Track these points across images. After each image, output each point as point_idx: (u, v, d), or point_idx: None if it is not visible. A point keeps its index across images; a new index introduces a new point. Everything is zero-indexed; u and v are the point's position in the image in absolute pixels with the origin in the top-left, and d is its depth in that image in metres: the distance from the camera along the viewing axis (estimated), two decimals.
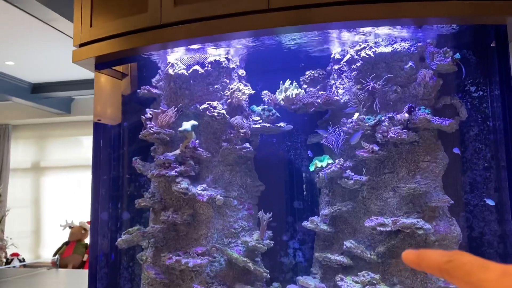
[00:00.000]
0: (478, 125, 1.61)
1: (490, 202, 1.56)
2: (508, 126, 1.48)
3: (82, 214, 5.27)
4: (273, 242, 1.68)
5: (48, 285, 3.25)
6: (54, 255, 5.38)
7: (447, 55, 1.54)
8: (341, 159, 1.63)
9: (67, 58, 1.95)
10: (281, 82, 1.75)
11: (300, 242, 1.78)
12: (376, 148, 1.57)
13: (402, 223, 1.49)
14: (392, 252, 1.56)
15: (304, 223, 1.68)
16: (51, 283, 3.36)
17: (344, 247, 1.59)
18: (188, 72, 1.75)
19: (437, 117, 1.55)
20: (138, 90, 1.86)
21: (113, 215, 1.94)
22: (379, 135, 1.57)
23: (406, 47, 1.59)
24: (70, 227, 5.57)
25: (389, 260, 1.57)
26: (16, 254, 5.68)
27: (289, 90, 1.73)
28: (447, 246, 1.53)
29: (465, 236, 1.58)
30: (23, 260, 5.70)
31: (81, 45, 1.77)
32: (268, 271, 1.67)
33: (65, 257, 5.26)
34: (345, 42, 1.68)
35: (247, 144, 1.74)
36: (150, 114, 1.76)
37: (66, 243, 5.55)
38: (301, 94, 1.72)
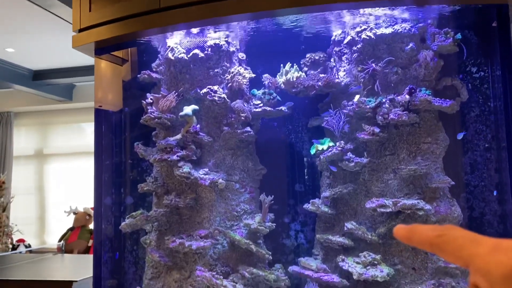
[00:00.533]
0: (479, 106, 1.61)
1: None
2: (509, 106, 1.48)
3: (86, 200, 5.31)
4: (275, 224, 1.70)
5: (54, 270, 3.30)
6: (59, 241, 5.45)
7: (448, 35, 1.54)
8: (342, 141, 1.64)
9: (68, 44, 1.95)
10: (281, 65, 1.75)
11: (301, 224, 1.79)
12: (376, 130, 1.57)
13: (403, 204, 1.50)
14: (393, 233, 1.58)
15: (306, 206, 1.69)
16: (57, 268, 3.41)
17: (345, 228, 1.60)
18: (188, 56, 1.75)
19: (438, 98, 1.55)
20: (138, 75, 1.86)
21: (116, 200, 1.96)
22: (380, 117, 1.57)
23: (406, 28, 1.58)
24: (75, 213, 5.63)
25: (390, 241, 1.59)
26: (21, 240, 5.75)
27: (289, 73, 1.73)
28: None
29: (466, 217, 1.59)
30: (29, 246, 5.77)
31: (80, 30, 1.76)
32: (270, 252, 1.69)
33: (70, 243, 5.33)
34: (346, 23, 1.67)
35: (248, 128, 1.74)
36: (151, 99, 1.77)
37: (71, 229, 5.61)
38: (302, 77, 1.72)
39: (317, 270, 1.61)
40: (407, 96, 1.54)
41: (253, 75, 1.78)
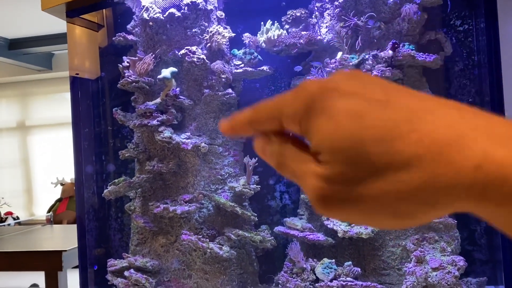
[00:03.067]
0: (463, 60, 1.58)
1: None
2: (492, 60, 1.46)
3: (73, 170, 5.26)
4: (259, 186, 1.69)
5: (43, 241, 3.30)
6: (48, 212, 5.44)
7: None
8: None
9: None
10: (262, 23, 1.68)
11: (286, 185, 1.79)
12: None
13: None
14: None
15: None
16: (46, 239, 3.41)
17: None
18: (164, 16, 1.68)
19: (421, 53, 1.52)
20: (113, 38, 1.78)
21: (98, 168, 1.93)
22: None
23: None
24: (62, 184, 5.59)
25: None
26: (9, 213, 5.73)
27: (270, 31, 1.67)
28: None
29: None
30: (17, 218, 5.75)
31: None
32: (255, 214, 1.68)
33: (59, 214, 5.32)
34: None
35: (230, 90, 1.70)
36: (127, 62, 1.70)
37: (59, 200, 5.59)
38: (283, 35, 1.67)
39: (302, 230, 1.61)
40: (390, 52, 1.50)
41: (233, 35, 1.72)
